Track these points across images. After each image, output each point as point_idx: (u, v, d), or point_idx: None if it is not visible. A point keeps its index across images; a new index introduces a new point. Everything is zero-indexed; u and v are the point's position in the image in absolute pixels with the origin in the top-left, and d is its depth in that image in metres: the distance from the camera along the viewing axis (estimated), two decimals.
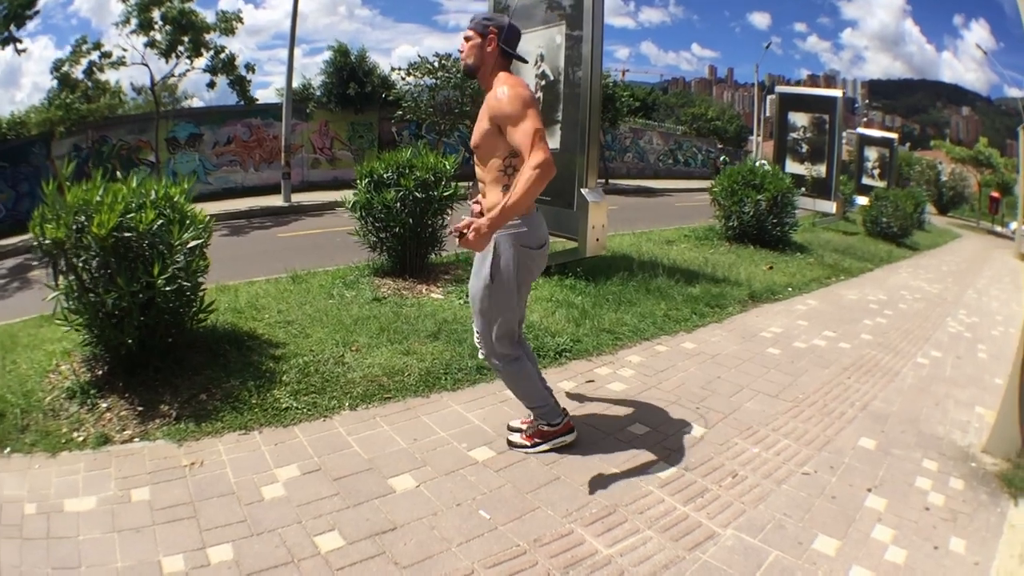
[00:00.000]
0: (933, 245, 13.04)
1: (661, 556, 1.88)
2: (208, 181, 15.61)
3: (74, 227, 2.66)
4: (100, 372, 2.96)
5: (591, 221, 4.87)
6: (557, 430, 2.50)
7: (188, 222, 2.99)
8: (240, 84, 12.77)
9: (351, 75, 16.71)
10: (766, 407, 3.09)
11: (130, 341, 2.73)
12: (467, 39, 2.29)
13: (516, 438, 2.54)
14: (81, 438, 2.53)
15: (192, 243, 2.92)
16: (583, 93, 4.92)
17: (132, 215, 2.71)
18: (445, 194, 5.02)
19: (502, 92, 2.12)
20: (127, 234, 2.66)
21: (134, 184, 3.07)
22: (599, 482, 2.28)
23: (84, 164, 13.78)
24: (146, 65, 12.06)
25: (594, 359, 3.64)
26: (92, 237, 2.59)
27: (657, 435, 2.71)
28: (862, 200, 14.91)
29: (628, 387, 3.25)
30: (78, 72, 11.74)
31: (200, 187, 15.12)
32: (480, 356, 2.44)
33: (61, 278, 2.75)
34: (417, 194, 4.81)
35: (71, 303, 2.78)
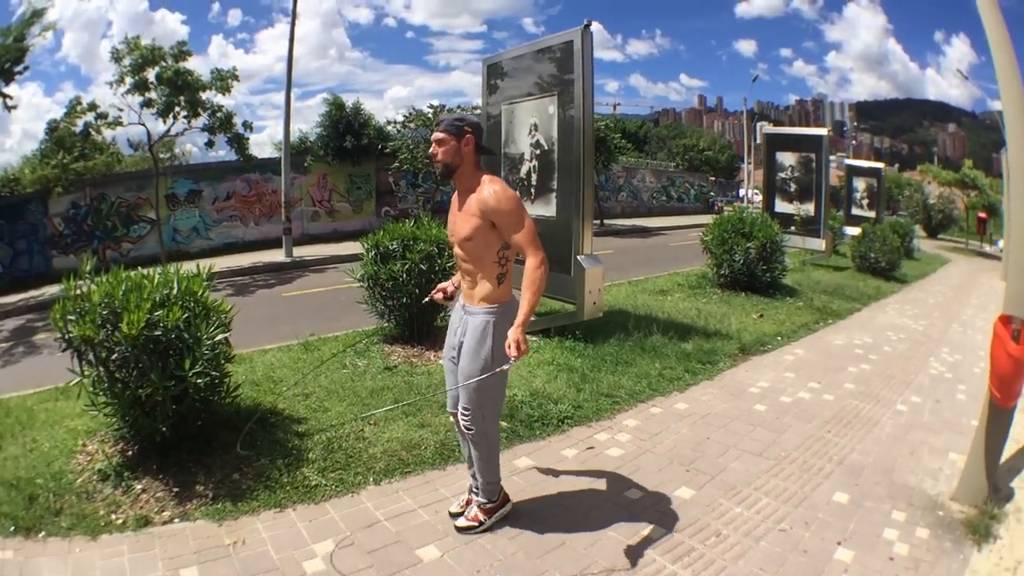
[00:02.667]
0: (921, 275, 13.52)
1: None
2: (209, 237, 16.16)
3: (99, 323, 2.96)
4: (130, 453, 3.25)
5: (587, 287, 5.32)
6: (497, 504, 2.79)
7: (213, 315, 3.37)
8: (238, 142, 13.19)
9: (347, 128, 17.45)
10: (750, 466, 3.46)
11: (164, 429, 3.05)
12: (440, 142, 2.50)
13: (463, 522, 2.77)
14: (120, 520, 2.80)
15: (219, 336, 3.32)
16: (575, 162, 5.38)
17: (159, 312, 3.01)
18: (448, 265, 5.48)
19: (496, 192, 2.42)
20: (156, 332, 2.98)
21: (156, 280, 3.32)
22: (599, 546, 2.65)
23: (83, 222, 14.34)
24: (143, 125, 12.50)
25: (593, 424, 4.02)
26: (122, 336, 2.89)
27: (651, 498, 3.09)
28: (852, 231, 15.49)
29: (625, 452, 3.62)
30: (74, 132, 12.17)
31: (201, 243, 15.78)
32: (466, 433, 2.64)
33: (87, 368, 3.05)
34: (422, 266, 5.26)
35: (98, 391, 3.08)
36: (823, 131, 11.79)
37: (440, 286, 2.92)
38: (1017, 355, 2.68)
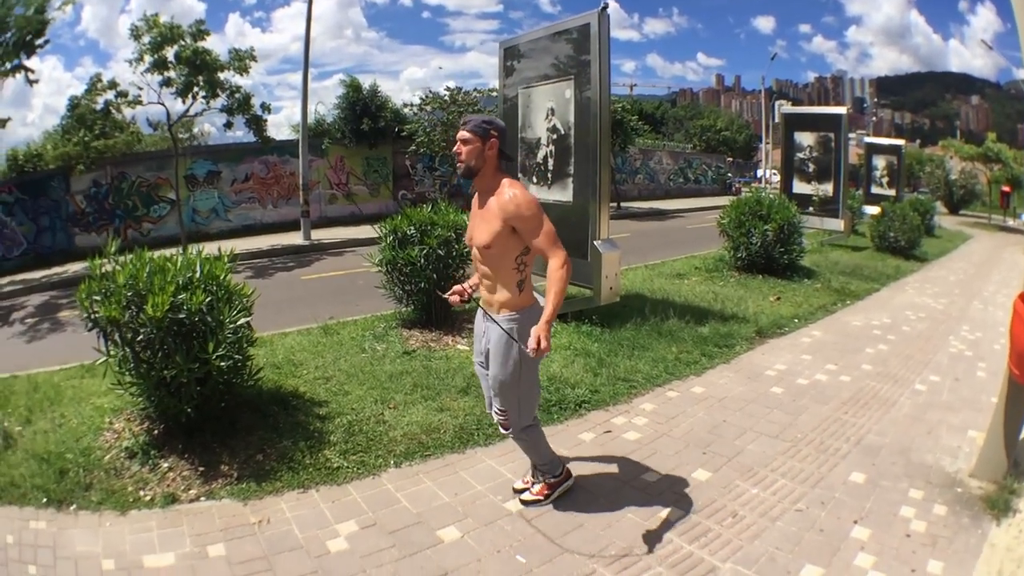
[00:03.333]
0: (942, 253, 13.32)
1: None
2: (228, 218, 16.35)
3: (124, 304, 3.04)
4: (156, 433, 3.36)
5: (604, 271, 5.31)
6: (560, 479, 2.90)
7: (235, 299, 3.43)
8: (257, 124, 13.22)
9: (364, 110, 17.43)
10: (766, 448, 3.48)
11: (189, 410, 3.15)
12: (465, 141, 2.50)
13: (528, 496, 2.89)
14: (148, 497, 2.91)
15: (241, 320, 3.40)
16: (592, 147, 5.35)
17: (183, 296, 3.08)
18: (465, 251, 5.51)
19: (516, 197, 2.43)
20: (180, 315, 3.05)
21: (179, 263, 3.38)
22: (617, 528, 2.70)
23: (104, 200, 14.58)
24: (162, 104, 12.51)
25: (611, 409, 4.05)
26: (147, 318, 2.97)
27: (667, 481, 3.12)
28: (871, 209, 15.25)
29: (642, 435, 3.66)
30: (95, 110, 12.28)
31: (220, 224, 15.98)
32: (505, 432, 2.72)
33: (113, 347, 3.15)
34: (440, 251, 5.30)
35: (124, 371, 3.18)
36: (842, 110, 11.54)
37: (456, 288, 2.87)
38: None
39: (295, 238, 14.45)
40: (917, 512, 2.80)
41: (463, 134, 2.52)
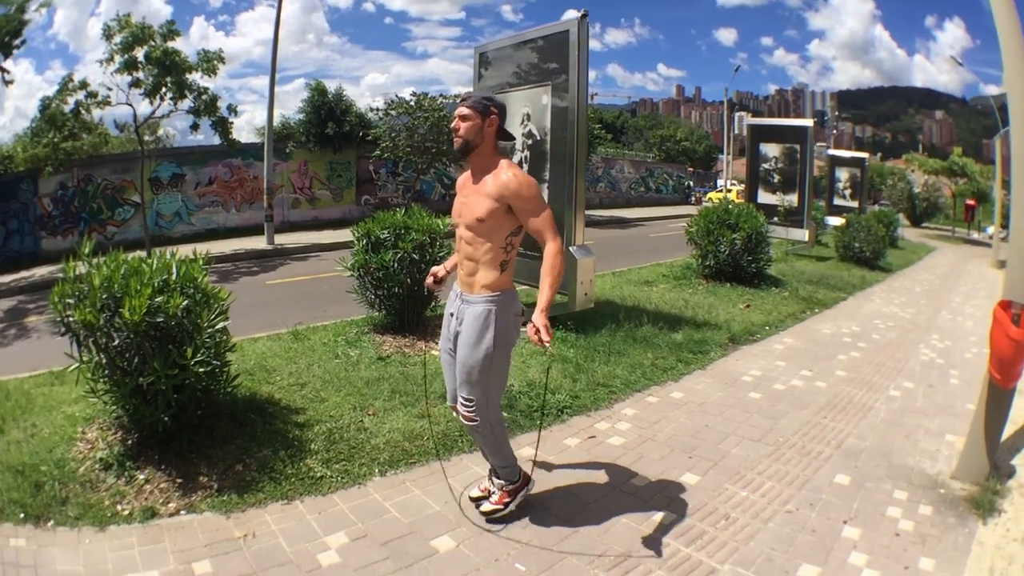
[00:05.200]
0: (906, 264, 13.89)
1: None
2: (191, 222, 16.27)
3: (100, 307, 2.92)
4: (131, 442, 3.23)
5: (580, 278, 5.39)
6: (519, 485, 2.82)
7: (213, 303, 3.35)
8: (223, 126, 13.20)
9: (329, 114, 17.57)
10: (751, 452, 3.58)
11: (166, 419, 3.04)
12: (464, 117, 2.50)
13: (487, 506, 2.80)
14: (126, 511, 2.79)
15: (220, 324, 3.31)
16: (568, 153, 5.44)
17: (160, 299, 2.98)
18: (440, 255, 5.51)
19: (517, 176, 2.45)
20: (158, 319, 2.95)
21: (155, 266, 3.30)
22: (613, 533, 2.73)
23: (70, 203, 14.42)
24: (130, 105, 12.53)
25: (592, 414, 4.10)
26: (124, 322, 2.87)
27: (657, 485, 3.17)
28: (834, 220, 15.87)
29: (627, 440, 3.71)
30: (65, 111, 12.18)
31: (183, 228, 15.93)
32: (469, 425, 2.61)
33: (86, 353, 3.03)
34: (415, 255, 5.28)
35: (97, 378, 3.06)
36: (808, 122, 12.05)
37: (433, 270, 2.91)
38: (1018, 338, 2.82)
39: (259, 242, 14.37)
40: (904, 512, 2.92)
41: (462, 110, 2.51)
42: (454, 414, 2.83)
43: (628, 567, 2.47)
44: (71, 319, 2.95)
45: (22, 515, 2.72)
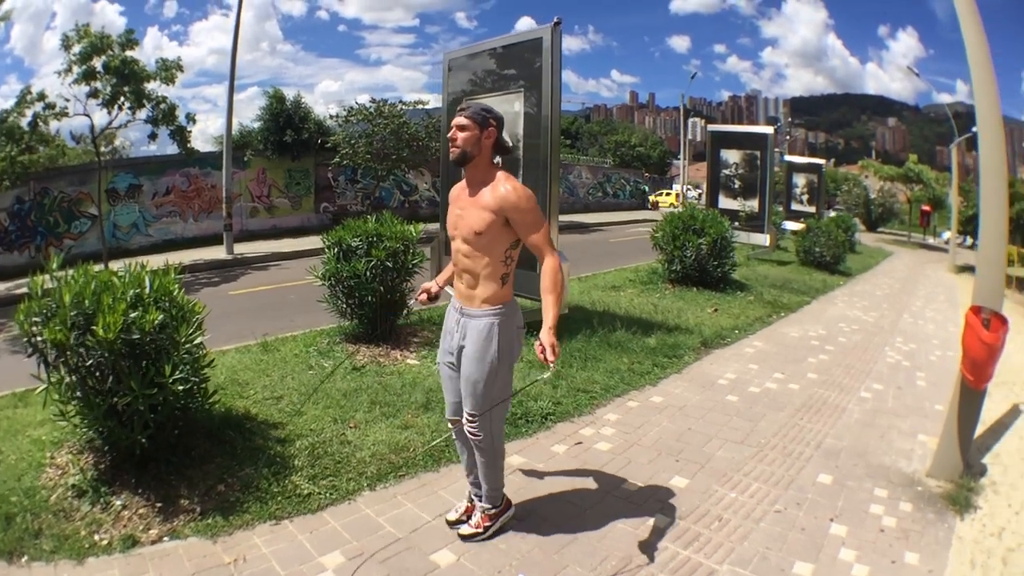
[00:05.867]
0: (865, 268, 14.48)
1: None
2: (149, 233, 15.98)
3: (70, 325, 2.79)
4: (104, 467, 3.10)
5: None
6: (501, 510, 2.80)
7: (193, 318, 3.26)
8: (181, 135, 13.16)
9: (287, 122, 17.47)
10: (734, 454, 3.70)
11: (143, 440, 2.93)
12: (462, 128, 2.47)
13: (467, 529, 2.77)
14: (105, 541, 2.66)
15: (198, 339, 3.22)
16: (542, 160, 5.49)
17: (135, 314, 2.88)
18: (414, 262, 5.51)
19: (517, 190, 2.45)
20: (134, 336, 2.85)
21: (126, 278, 3.19)
22: (611, 538, 2.78)
23: (27, 217, 13.99)
24: (87, 116, 12.37)
25: (576, 420, 4.16)
26: (97, 340, 2.74)
27: (649, 489, 3.25)
28: (791, 225, 16.47)
29: (613, 445, 3.78)
30: (23, 124, 12.02)
31: (141, 239, 15.66)
32: (473, 440, 2.61)
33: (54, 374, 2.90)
34: (388, 263, 5.25)
35: (66, 398, 2.92)
36: (768, 130, 12.52)
37: (424, 286, 2.86)
38: (989, 341, 3.02)
39: (218, 252, 14.12)
40: (886, 509, 3.07)
41: (460, 120, 2.49)
42: (449, 427, 2.82)
43: (631, 572, 2.53)
44: (39, 339, 2.82)
45: None
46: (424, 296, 2.84)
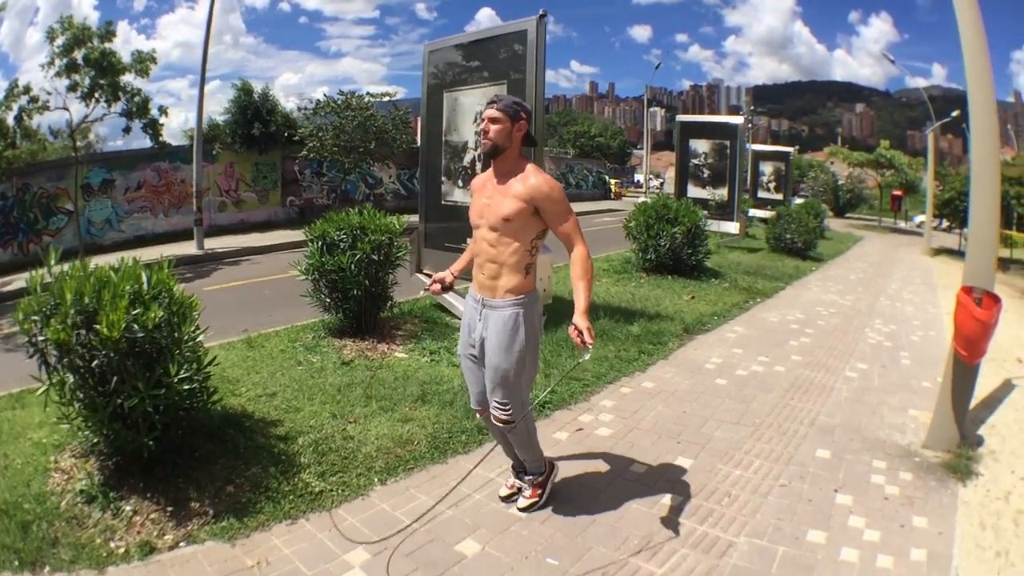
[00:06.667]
0: (837, 253, 14.98)
1: (701, 567, 2.52)
2: (121, 229, 15.76)
3: (72, 324, 2.72)
4: (109, 470, 3.04)
5: (539, 274, 5.52)
6: (547, 475, 2.96)
7: (192, 313, 3.20)
8: (154, 128, 13.20)
9: (255, 114, 17.32)
10: (732, 434, 3.86)
11: (151, 443, 2.88)
12: (494, 120, 2.52)
13: (523, 502, 2.92)
14: (121, 549, 2.61)
15: (200, 336, 3.18)
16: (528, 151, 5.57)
17: (137, 311, 2.82)
18: (399, 254, 5.51)
19: (548, 181, 2.52)
20: (138, 334, 2.80)
21: (124, 274, 3.09)
22: (628, 518, 2.88)
23: (10, 213, 13.69)
24: (67, 109, 12.39)
25: (573, 408, 4.25)
26: (103, 339, 2.68)
27: (657, 471, 3.37)
28: (757, 213, 16.92)
29: (614, 431, 3.88)
30: (9, 118, 12.02)
31: (114, 235, 15.50)
32: (505, 427, 2.67)
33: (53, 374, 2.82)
34: (374, 256, 5.24)
35: (67, 401, 2.86)
36: (738, 119, 12.87)
37: (437, 276, 2.88)
38: (983, 318, 3.24)
39: (189, 248, 13.89)
40: (887, 479, 3.27)
41: (493, 112, 2.53)
42: (478, 417, 2.87)
43: (654, 549, 2.64)
44: (40, 338, 2.73)
45: (16, 562, 2.50)
46: (437, 287, 2.86)
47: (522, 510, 2.91)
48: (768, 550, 2.63)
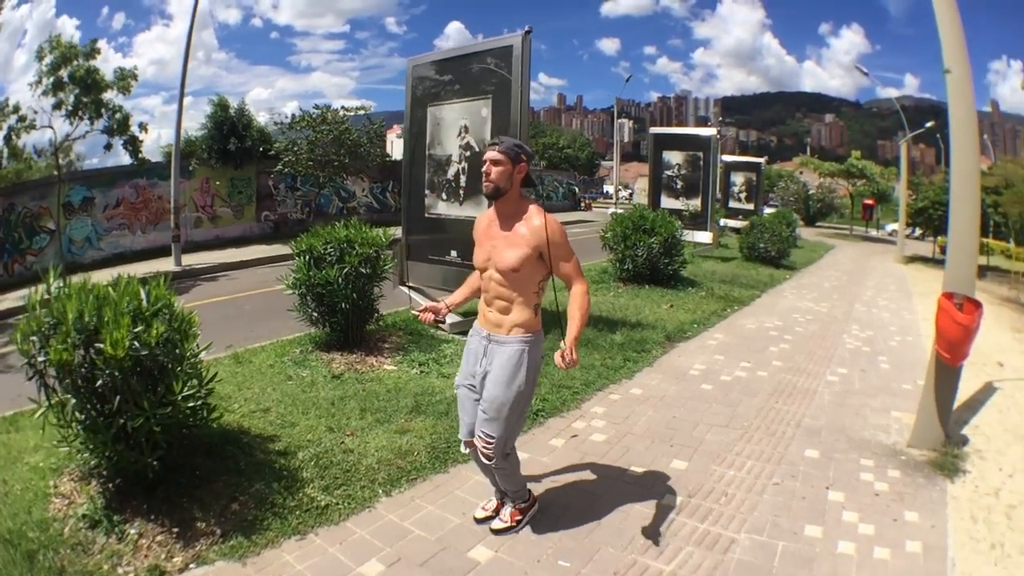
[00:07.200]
0: (809, 262, 15.39)
1: (707, 563, 2.64)
2: (100, 247, 15.60)
3: (74, 343, 2.70)
4: (111, 493, 3.00)
5: None
6: (528, 505, 2.98)
7: (191, 329, 3.20)
8: (133, 144, 13.43)
9: (231, 129, 17.29)
10: (722, 437, 3.99)
11: (155, 463, 2.87)
12: (496, 163, 2.56)
13: (498, 524, 2.91)
14: (131, 574, 2.57)
15: (201, 353, 3.18)
16: None
17: (139, 328, 2.81)
18: (386, 267, 5.56)
19: (551, 224, 2.56)
20: (143, 353, 2.80)
21: (122, 291, 3.05)
22: (632, 519, 2.98)
23: None
24: (51, 127, 12.59)
25: (566, 415, 4.35)
26: (106, 358, 2.67)
27: (654, 473, 3.48)
28: (729, 222, 17.28)
29: (607, 436, 3.99)
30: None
31: (94, 253, 15.35)
32: (486, 462, 2.70)
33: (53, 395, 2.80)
34: (363, 270, 5.28)
35: (65, 422, 2.82)
36: (711, 131, 13.24)
37: (430, 306, 2.86)
38: (964, 322, 3.45)
39: (166, 264, 13.73)
40: (876, 476, 3.44)
41: (494, 155, 2.58)
42: (463, 449, 2.87)
43: (661, 547, 2.74)
44: (41, 359, 2.71)
45: None
46: (430, 316, 2.84)
47: (496, 531, 2.89)
48: (768, 545, 2.75)
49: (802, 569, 2.59)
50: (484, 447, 2.65)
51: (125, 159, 13.64)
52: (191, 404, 2.93)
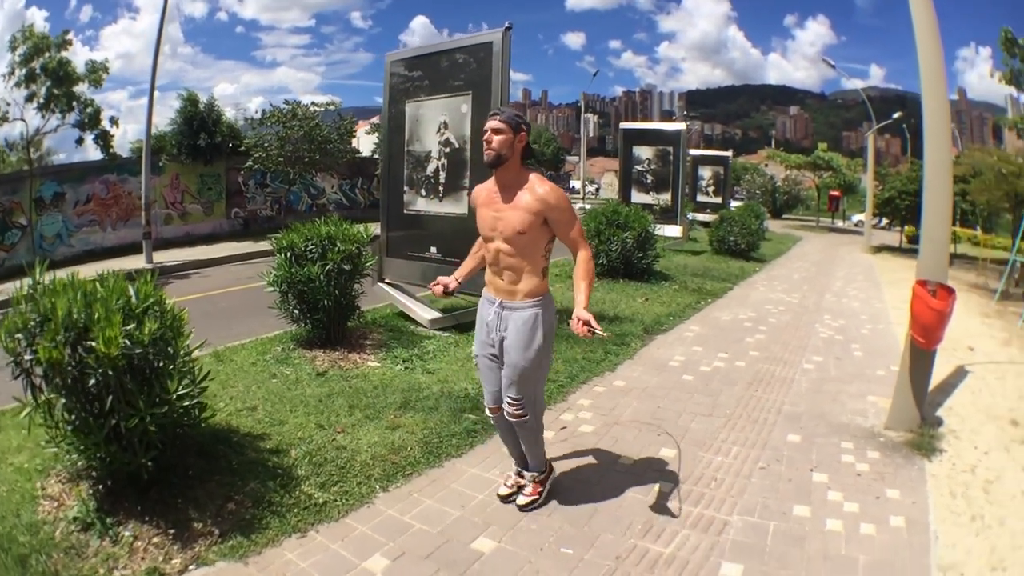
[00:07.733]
0: (778, 254, 15.74)
1: (704, 544, 2.74)
2: (71, 243, 15.34)
3: (63, 341, 2.64)
4: (102, 494, 2.94)
5: None
6: (547, 474, 3.13)
7: (182, 326, 3.16)
8: (104, 139, 13.32)
9: (201, 125, 17.05)
10: (707, 425, 4.12)
11: (149, 463, 2.83)
12: (497, 131, 2.64)
13: (523, 499, 3.04)
14: None
15: (195, 350, 3.15)
16: None
17: (131, 326, 2.76)
18: (368, 263, 5.55)
19: (555, 190, 2.66)
20: (136, 351, 2.74)
21: (110, 287, 3.00)
22: (627, 506, 3.07)
23: None
24: (23, 120, 12.49)
25: (553, 407, 4.41)
26: (99, 356, 2.62)
27: (645, 462, 3.58)
28: (698, 216, 17.57)
29: (596, 427, 4.08)
30: None
31: (64, 250, 15.09)
32: (518, 421, 2.83)
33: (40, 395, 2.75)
34: (345, 266, 5.26)
35: (54, 422, 2.78)
36: (681, 126, 13.46)
37: (441, 280, 2.99)
38: (938, 308, 3.63)
39: (137, 262, 13.38)
40: (856, 457, 3.60)
41: (496, 124, 2.65)
42: (487, 414, 3.02)
43: (657, 531, 2.83)
44: (28, 358, 2.65)
45: None
46: (440, 289, 2.97)
47: (522, 507, 3.03)
48: (760, 525, 2.88)
49: (794, 546, 2.71)
50: (515, 410, 2.78)
51: (94, 154, 13.52)
52: (186, 403, 2.90)
